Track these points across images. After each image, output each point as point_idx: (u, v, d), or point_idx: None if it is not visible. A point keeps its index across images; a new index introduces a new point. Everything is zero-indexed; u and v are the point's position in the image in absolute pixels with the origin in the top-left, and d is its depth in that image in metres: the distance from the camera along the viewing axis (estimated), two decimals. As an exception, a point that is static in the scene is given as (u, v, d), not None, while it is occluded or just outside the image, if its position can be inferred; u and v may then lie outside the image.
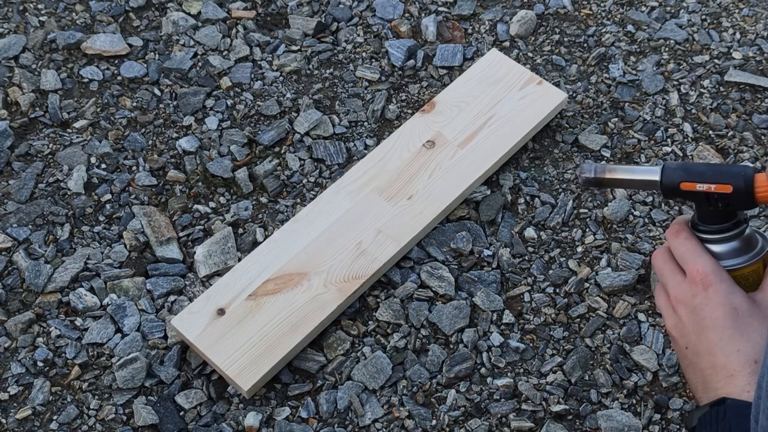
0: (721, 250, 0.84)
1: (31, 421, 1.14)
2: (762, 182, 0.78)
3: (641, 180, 0.84)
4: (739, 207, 0.81)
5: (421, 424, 1.14)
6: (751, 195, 0.78)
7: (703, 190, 0.80)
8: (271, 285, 1.21)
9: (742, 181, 0.78)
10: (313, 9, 1.54)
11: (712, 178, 0.80)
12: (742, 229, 0.83)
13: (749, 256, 0.83)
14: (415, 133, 1.35)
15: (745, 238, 0.84)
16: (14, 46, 1.48)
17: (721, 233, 0.83)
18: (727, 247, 0.84)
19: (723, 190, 0.79)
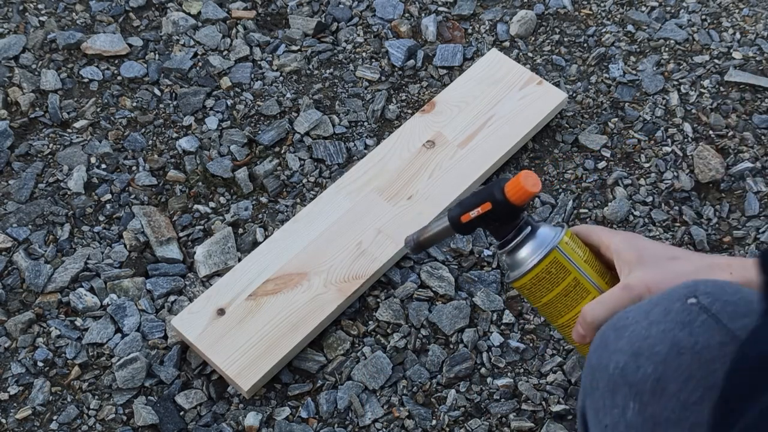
0: (519, 257, 0.87)
1: (31, 421, 1.14)
2: (510, 189, 0.83)
3: (441, 230, 0.91)
4: (508, 217, 0.86)
5: (421, 424, 1.14)
6: (508, 202, 0.84)
7: (475, 215, 0.86)
8: (271, 285, 1.21)
9: (496, 195, 0.84)
10: (313, 9, 1.54)
11: (476, 202, 0.86)
12: (526, 232, 0.87)
13: (544, 248, 0.86)
14: (415, 133, 1.35)
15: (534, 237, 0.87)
16: (14, 46, 1.48)
17: (509, 243, 0.87)
18: (521, 252, 0.87)
19: (487, 209, 0.85)
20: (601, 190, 1.34)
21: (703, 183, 1.35)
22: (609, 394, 0.65)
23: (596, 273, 0.86)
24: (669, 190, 1.34)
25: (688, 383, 0.61)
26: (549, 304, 0.87)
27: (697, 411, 0.61)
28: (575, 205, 1.33)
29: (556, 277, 0.85)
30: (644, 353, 0.63)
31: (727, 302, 0.63)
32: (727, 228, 1.30)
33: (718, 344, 0.61)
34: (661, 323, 0.64)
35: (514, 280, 0.87)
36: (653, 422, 0.62)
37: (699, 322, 0.62)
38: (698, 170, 1.35)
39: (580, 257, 0.86)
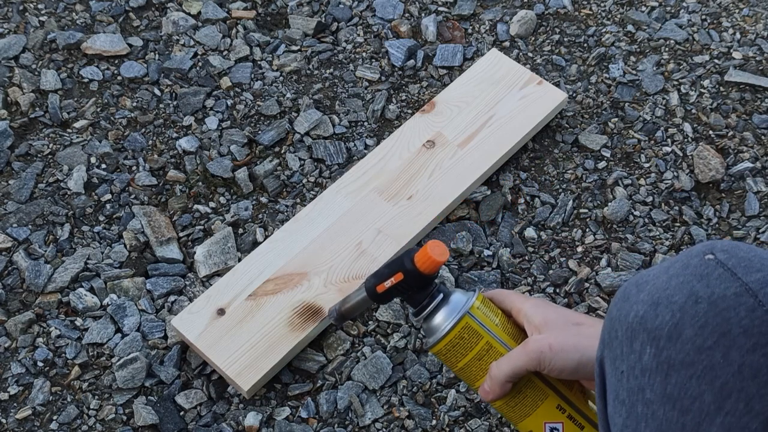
0: (433, 324, 0.89)
1: (31, 421, 1.14)
2: (419, 259, 0.85)
3: (360, 300, 0.93)
4: (420, 285, 0.88)
5: (421, 424, 1.14)
6: (418, 272, 0.86)
7: (390, 285, 0.88)
8: (271, 285, 1.21)
9: (407, 265, 0.86)
10: (313, 9, 1.54)
11: (389, 273, 0.88)
12: (438, 299, 0.89)
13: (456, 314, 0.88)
14: (415, 133, 1.35)
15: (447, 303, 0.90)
16: (14, 46, 1.48)
17: (424, 310, 0.90)
18: (435, 318, 0.90)
19: (399, 279, 0.87)
20: (601, 190, 1.34)
21: (703, 183, 1.35)
22: (627, 342, 0.69)
23: (508, 336, 0.89)
24: (669, 190, 1.34)
25: (704, 329, 0.64)
26: (465, 368, 0.89)
27: (710, 355, 0.64)
28: (575, 205, 1.33)
29: (469, 341, 0.87)
30: (663, 302, 0.67)
31: (742, 258, 0.66)
32: (727, 228, 1.30)
33: (733, 295, 0.64)
34: (679, 276, 0.68)
35: (431, 346, 0.90)
36: (668, 365, 0.66)
37: (716, 275, 0.66)
38: (698, 170, 1.35)
39: (492, 321, 0.88)
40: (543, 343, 0.83)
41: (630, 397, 0.69)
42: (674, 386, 0.66)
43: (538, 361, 0.84)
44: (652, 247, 1.28)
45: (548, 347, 0.83)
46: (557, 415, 0.87)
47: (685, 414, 0.65)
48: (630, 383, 0.69)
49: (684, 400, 0.65)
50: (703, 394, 0.64)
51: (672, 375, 0.66)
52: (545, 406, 0.87)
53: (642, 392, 0.68)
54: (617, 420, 0.71)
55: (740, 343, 0.63)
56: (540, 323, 0.86)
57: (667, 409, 0.66)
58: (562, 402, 0.88)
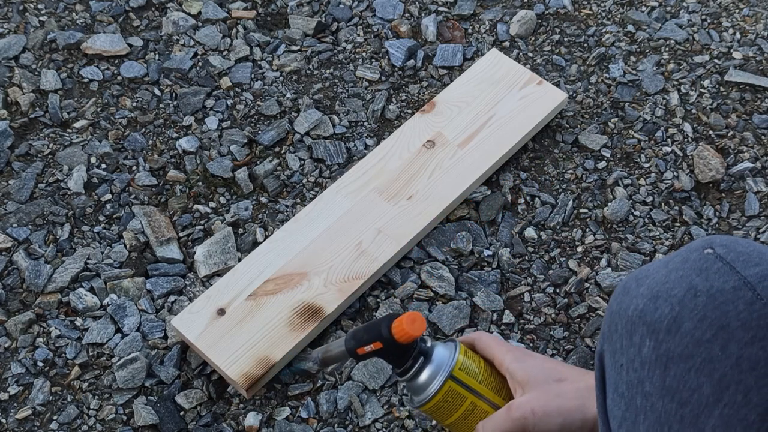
0: (416, 385, 0.90)
1: (31, 421, 1.14)
2: (397, 329, 0.86)
3: (339, 354, 0.92)
4: (398, 353, 0.89)
5: (422, 424, 1.14)
6: (396, 342, 0.86)
7: (369, 350, 0.88)
8: (271, 285, 1.21)
9: (384, 335, 0.87)
10: (313, 9, 1.54)
11: (368, 339, 0.88)
12: (420, 363, 0.89)
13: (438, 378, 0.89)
14: (415, 133, 1.35)
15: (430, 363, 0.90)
16: (14, 46, 1.48)
17: (407, 372, 0.90)
18: (418, 381, 0.90)
19: (378, 347, 0.88)
20: (601, 190, 1.34)
21: (703, 183, 1.35)
22: (627, 335, 0.70)
23: (492, 391, 0.89)
24: (669, 190, 1.34)
25: (702, 322, 0.65)
26: (452, 425, 0.90)
27: (709, 348, 0.65)
28: (575, 205, 1.33)
29: (454, 403, 0.88)
30: (662, 296, 0.68)
31: (740, 252, 0.67)
32: (727, 228, 1.30)
33: (731, 288, 0.65)
34: (679, 270, 0.68)
35: (417, 406, 0.90)
36: (667, 357, 0.66)
37: (715, 269, 0.67)
38: (698, 170, 1.35)
39: (475, 380, 0.89)
40: (526, 409, 0.84)
41: (629, 390, 0.70)
42: (673, 378, 0.66)
43: (523, 427, 0.84)
44: (652, 247, 1.28)
45: (531, 413, 0.83)
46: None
47: (683, 406, 0.66)
48: (629, 376, 0.69)
49: (683, 392, 0.66)
50: (702, 387, 0.65)
51: (671, 367, 0.66)
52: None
53: (641, 385, 0.68)
54: (616, 413, 0.72)
55: (738, 336, 0.64)
56: (522, 380, 0.86)
57: (666, 401, 0.67)
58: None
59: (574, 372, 0.87)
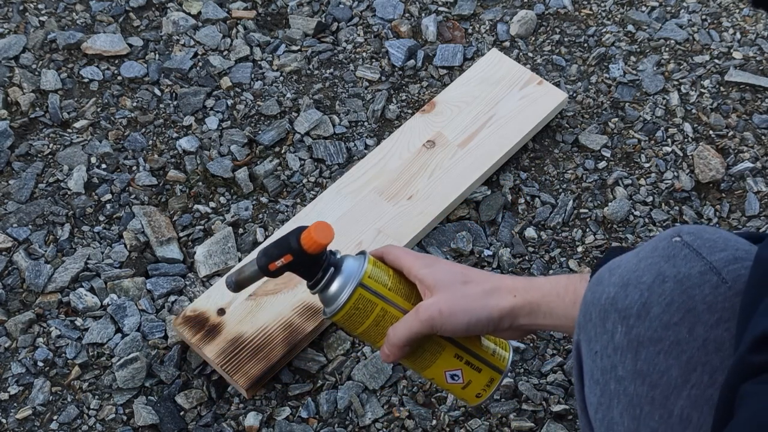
0: (328, 296, 0.91)
1: (31, 421, 1.14)
2: (305, 239, 0.87)
3: (252, 274, 0.92)
4: (309, 264, 0.89)
5: (422, 424, 1.14)
6: (306, 253, 0.87)
7: (281, 264, 0.89)
8: (272, 285, 1.21)
9: (293, 246, 0.88)
10: (313, 9, 1.54)
11: (278, 254, 0.89)
12: (330, 274, 0.90)
13: (348, 287, 0.89)
14: (415, 133, 1.35)
15: (340, 274, 0.91)
16: (14, 46, 1.48)
17: (318, 284, 0.90)
18: (329, 291, 0.90)
19: (288, 260, 0.88)
20: (602, 190, 1.34)
21: (703, 183, 1.35)
22: (600, 323, 0.72)
23: (402, 298, 0.90)
24: (669, 190, 1.34)
25: (670, 306, 0.68)
26: (364, 333, 0.92)
27: (677, 330, 0.67)
28: (575, 205, 1.33)
29: (365, 310, 0.89)
30: (632, 283, 0.70)
31: (707, 239, 0.70)
32: (728, 228, 1.30)
33: (698, 273, 0.68)
34: (648, 258, 0.71)
35: (329, 316, 0.91)
36: (637, 342, 0.69)
37: (682, 255, 0.69)
38: (698, 170, 1.35)
39: (384, 287, 0.90)
40: (433, 309, 0.85)
41: (603, 376, 0.71)
42: (644, 362, 0.68)
43: (431, 326, 0.86)
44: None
45: (438, 312, 0.85)
46: (455, 363, 0.91)
47: (654, 388, 0.68)
48: (603, 362, 0.71)
49: (653, 375, 0.68)
50: (671, 369, 0.67)
51: (641, 351, 0.68)
52: (443, 358, 0.91)
53: (614, 370, 0.70)
54: (592, 399, 0.73)
55: (705, 318, 0.66)
56: (431, 284, 0.87)
57: (637, 384, 0.69)
58: (459, 351, 0.91)
59: (480, 275, 0.89)
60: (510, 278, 0.87)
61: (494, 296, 0.85)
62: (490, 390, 0.93)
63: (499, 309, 0.85)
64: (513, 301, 0.85)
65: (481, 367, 0.92)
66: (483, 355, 0.92)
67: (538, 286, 0.85)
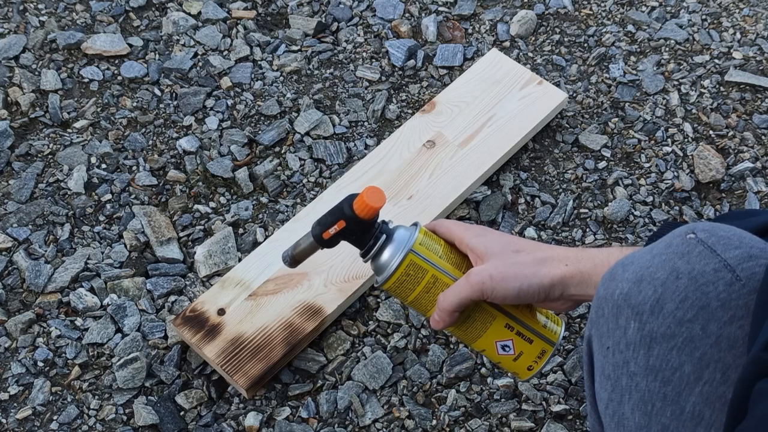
0: (380, 263, 0.92)
1: (31, 421, 1.14)
2: (358, 206, 0.89)
3: (308, 246, 0.95)
4: (362, 229, 0.91)
5: (422, 424, 1.14)
6: (358, 218, 0.89)
7: (334, 232, 0.91)
8: (272, 285, 1.21)
9: (346, 212, 0.90)
10: (313, 9, 1.54)
11: (332, 221, 0.91)
12: (382, 241, 0.92)
13: (399, 253, 0.90)
14: (415, 133, 1.35)
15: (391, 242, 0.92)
16: (14, 46, 1.48)
17: (370, 251, 0.92)
18: (381, 258, 0.92)
19: (341, 226, 0.91)
20: (602, 190, 1.34)
21: (703, 183, 1.35)
22: (613, 318, 0.71)
23: (453, 266, 0.91)
24: (669, 190, 1.34)
25: (684, 303, 0.68)
26: (415, 301, 0.92)
27: (691, 327, 0.67)
28: (575, 205, 1.33)
29: (416, 277, 0.90)
30: (646, 279, 0.70)
31: (721, 236, 0.70)
32: (728, 228, 1.30)
33: (712, 270, 0.68)
34: (662, 254, 0.71)
35: (381, 284, 0.92)
36: (650, 338, 0.69)
37: (696, 252, 0.69)
38: (698, 170, 1.35)
39: (435, 254, 0.91)
40: (484, 275, 0.85)
41: (615, 372, 0.71)
42: (656, 358, 0.68)
43: (481, 291, 0.86)
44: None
45: (489, 278, 0.85)
46: (506, 333, 0.91)
47: (666, 384, 0.68)
48: (615, 358, 0.71)
49: (665, 371, 0.68)
50: (684, 365, 0.67)
51: (654, 347, 0.68)
52: (494, 327, 0.91)
53: (626, 365, 0.70)
54: (603, 395, 0.73)
55: (718, 315, 0.66)
56: (482, 252, 0.88)
57: (649, 380, 0.69)
58: (510, 321, 0.91)
59: (531, 245, 0.89)
60: (562, 249, 0.87)
61: (546, 264, 0.85)
62: (541, 362, 0.92)
63: (550, 277, 0.84)
64: (564, 270, 0.84)
65: (532, 338, 0.91)
66: (534, 326, 0.91)
67: (590, 256, 0.84)
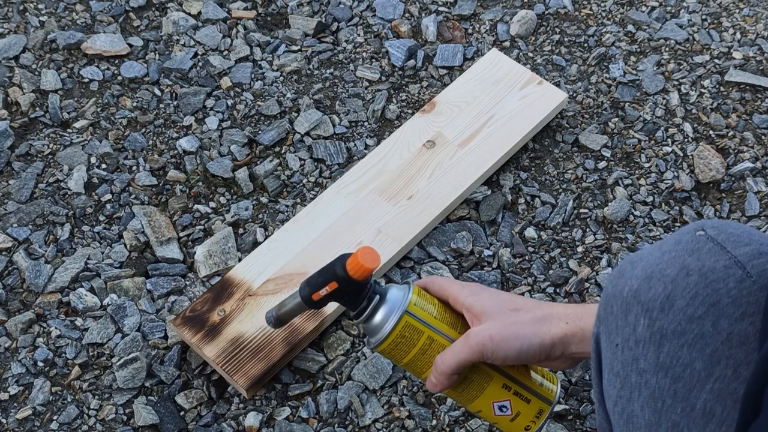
0: (373, 325, 0.90)
1: (31, 421, 1.14)
2: (351, 267, 0.86)
3: (295, 306, 0.92)
4: (355, 291, 0.88)
5: (422, 424, 1.14)
6: (352, 280, 0.86)
7: (325, 294, 0.88)
8: (272, 285, 1.21)
9: (339, 274, 0.87)
10: (313, 9, 1.54)
11: (323, 282, 0.88)
12: (375, 302, 0.89)
13: (394, 315, 0.88)
14: (415, 133, 1.35)
15: (385, 303, 0.89)
16: (14, 46, 1.48)
17: (363, 313, 0.89)
18: (374, 320, 0.89)
19: (333, 288, 0.87)
20: (602, 190, 1.34)
21: (703, 183, 1.35)
22: (622, 316, 0.71)
23: (448, 326, 0.89)
24: (669, 190, 1.34)
25: (695, 300, 0.67)
26: (411, 363, 0.90)
27: (701, 324, 0.67)
28: (575, 205, 1.33)
29: (411, 339, 0.88)
30: (656, 276, 0.70)
31: (731, 233, 0.70)
32: (728, 228, 1.30)
33: (722, 267, 0.68)
34: (672, 251, 0.70)
35: (374, 346, 0.90)
36: (660, 335, 0.69)
37: (706, 249, 0.69)
38: (698, 170, 1.35)
39: (431, 315, 0.89)
40: (484, 336, 0.84)
41: (624, 369, 0.71)
42: (666, 355, 0.68)
43: (481, 354, 0.85)
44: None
45: (489, 339, 0.84)
46: (504, 393, 0.90)
47: (676, 381, 0.68)
48: (624, 355, 0.71)
49: (676, 368, 0.68)
50: (694, 362, 0.67)
51: (664, 344, 0.68)
52: (491, 388, 0.90)
53: (636, 362, 0.70)
54: (611, 392, 0.73)
55: (729, 312, 0.66)
56: (479, 312, 0.86)
57: (659, 377, 0.69)
58: (507, 381, 0.90)
59: (529, 302, 0.88)
60: (561, 306, 0.86)
61: (546, 323, 0.84)
62: (539, 422, 0.91)
63: (551, 336, 0.83)
64: (565, 328, 0.83)
65: (530, 397, 0.90)
66: (531, 386, 0.90)
67: (591, 312, 0.83)
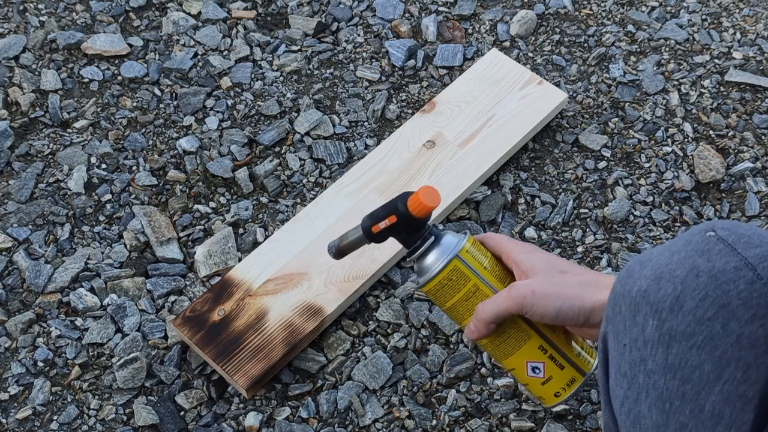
0: (424, 265, 0.92)
1: (31, 421, 1.14)
2: (412, 204, 0.89)
3: (356, 239, 0.96)
4: (413, 228, 0.91)
5: (422, 424, 1.14)
6: (410, 215, 0.89)
7: (384, 227, 0.92)
8: (272, 285, 1.21)
9: (400, 209, 0.90)
10: (313, 9, 1.54)
11: (383, 215, 0.92)
12: (430, 241, 0.92)
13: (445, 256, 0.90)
14: (415, 133, 1.35)
15: (438, 246, 0.92)
16: (14, 46, 1.48)
17: (416, 251, 0.92)
18: (426, 260, 0.92)
19: (392, 221, 0.91)
20: (602, 190, 1.34)
21: (703, 183, 1.35)
22: (630, 316, 0.71)
23: (496, 279, 0.91)
24: (669, 190, 1.34)
25: (704, 301, 0.67)
26: (453, 308, 0.92)
27: (710, 326, 0.67)
28: (575, 205, 1.33)
29: (457, 283, 0.90)
30: (665, 276, 0.69)
31: (742, 235, 0.69)
32: (728, 228, 1.30)
33: (733, 269, 0.67)
34: (681, 252, 0.70)
35: (421, 285, 0.92)
36: (669, 336, 0.68)
37: (716, 250, 0.68)
38: (698, 170, 1.35)
39: (480, 265, 0.90)
40: (527, 289, 0.85)
41: (632, 369, 0.71)
42: (675, 356, 0.68)
43: (521, 306, 0.86)
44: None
45: (531, 293, 0.85)
46: (539, 355, 0.90)
47: (685, 383, 0.68)
48: (632, 355, 0.71)
49: (684, 369, 0.68)
50: (703, 364, 0.67)
51: (673, 345, 0.68)
52: (528, 347, 0.90)
53: (644, 363, 0.70)
54: (618, 392, 0.73)
55: (739, 314, 0.66)
56: (527, 269, 0.88)
57: (668, 378, 0.69)
58: (544, 343, 0.90)
59: (579, 268, 0.89)
60: (609, 276, 0.87)
61: (590, 288, 0.85)
62: (569, 390, 0.91)
63: (592, 301, 0.84)
64: (608, 296, 0.83)
65: (564, 364, 0.91)
66: (568, 353, 0.91)
67: None
